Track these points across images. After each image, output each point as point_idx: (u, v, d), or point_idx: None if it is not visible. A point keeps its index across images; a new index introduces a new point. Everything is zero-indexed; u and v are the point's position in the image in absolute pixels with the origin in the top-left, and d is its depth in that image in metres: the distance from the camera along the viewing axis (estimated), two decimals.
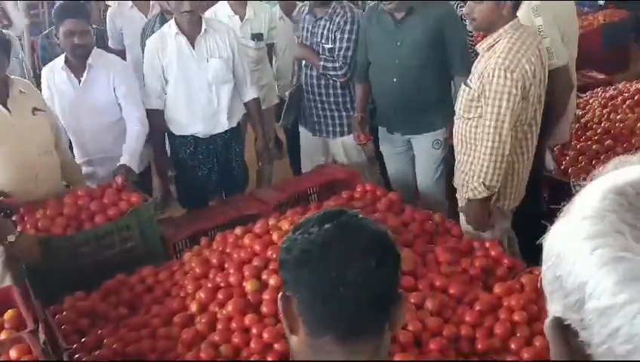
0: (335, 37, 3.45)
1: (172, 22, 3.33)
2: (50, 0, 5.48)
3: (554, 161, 3.23)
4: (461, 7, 3.33)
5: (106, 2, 4.76)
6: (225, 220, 2.96)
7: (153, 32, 3.82)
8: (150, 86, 3.39)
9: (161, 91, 3.39)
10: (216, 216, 3.07)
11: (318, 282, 1.02)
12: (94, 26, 4.27)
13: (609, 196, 0.57)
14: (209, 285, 2.35)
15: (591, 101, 3.92)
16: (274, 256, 2.36)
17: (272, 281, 2.25)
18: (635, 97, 3.79)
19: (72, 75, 3.19)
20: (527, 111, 2.57)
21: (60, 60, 3.21)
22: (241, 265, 2.35)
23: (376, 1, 3.37)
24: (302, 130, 3.83)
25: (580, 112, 3.81)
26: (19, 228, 2.63)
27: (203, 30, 3.29)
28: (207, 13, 3.93)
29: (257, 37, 4.01)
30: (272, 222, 2.61)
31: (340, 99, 3.61)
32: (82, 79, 3.19)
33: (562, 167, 3.26)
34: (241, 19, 3.94)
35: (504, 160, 2.55)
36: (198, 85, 3.35)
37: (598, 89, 4.15)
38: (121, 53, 4.16)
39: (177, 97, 3.38)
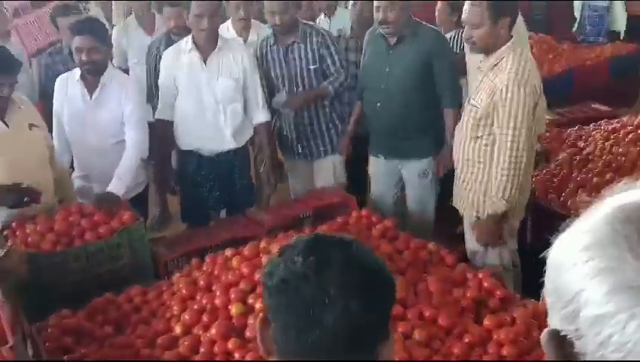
0: (321, 55, 3.48)
1: (189, 37, 3.34)
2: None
3: None
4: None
5: (113, 21, 4.81)
6: (218, 241, 2.93)
7: (159, 52, 3.85)
8: (163, 96, 3.43)
9: (173, 103, 3.41)
10: (209, 236, 3.05)
11: (294, 316, 0.95)
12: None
13: (609, 211, 0.60)
14: (195, 307, 2.32)
15: (593, 133, 3.88)
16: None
17: (258, 305, 2.22)
18: (639, 131, 3.75)
19: (85, 90, 3.20)
20: (535, 125, 2.62)
21: (76, 72, 3.23)
22: (228, 288, 2.32)
23: (374, 26, 3.44)
24: (285, 157, 3.80)
25: (582, 144, 3.78)
26: (9, 243, 2.62)
27: (217, 48, 3.32)
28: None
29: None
30: (262, 245, 2.58)
31: (329, 117, 3.62)
32: (94, 96, 3.20)
33: (562, 199, 3.22)
34: (245, 41, 3.95)
35: (521, 173, 2.58)
36: (206, 102, 3.36)
37: (602, 121, 4.11)
38: (125, 72, 4.18)
39: (185, 111, 3.39)
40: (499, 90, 2.54)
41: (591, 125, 4.09)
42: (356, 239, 1.04)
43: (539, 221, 3.16)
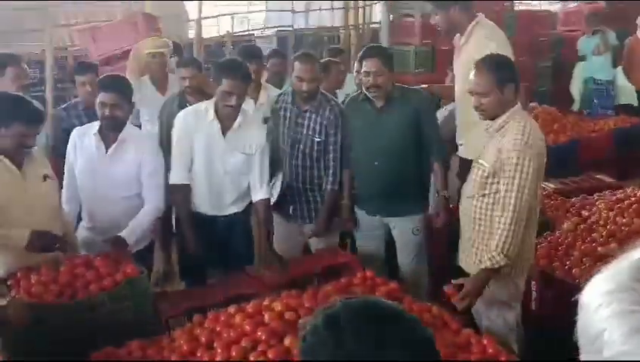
0: (327, 133, 3.54)
1: (210, 105, 3.32)
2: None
3: None
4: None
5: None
6: (221, 298, 2.92)
7: (172, 110, 3.95)
8: (179, 159, 3.38)
9: (190, 166, 3.39)
10: (213, 293, 3.03)
11: None
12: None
13: (631, 261, 0.67)
14: None
15: (597, 203, 3.91)
16: (263, 337, 2.31)
17: None
18: None
19: (102, 143, 3.28)
20: (537, 185, 2.73)
21: (94, 126, 3.32)
22: (230, 345, 2.30)
23: (358, 92, 3.68)
24: (275, 216, 3.74)
25: (586, 213, 3.79)
26: (12, 293, 2.63)
27: (237, 124, 3.31)
28: None
29: (266, 120, 3.99)
30: (265, 302, 2.57)
31: (322, 182, 3.65)
32: (110, 150, 3.27)
33: (566, 267, 3.21)
34: (255, 102, 4.04)
35: (521, 229, 2.66)
36: (215, 170, 3.39)
37: (606, 192, 4.14)
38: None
39: (195, 176, 3.41)
40: (506, 150, 2.66)
41: (595, 195, 4.12)
42: (403, 309, 1.01)
43: (543, 289, 3.15)
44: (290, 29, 8.43)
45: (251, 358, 2.24)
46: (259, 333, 2.32)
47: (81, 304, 2.65)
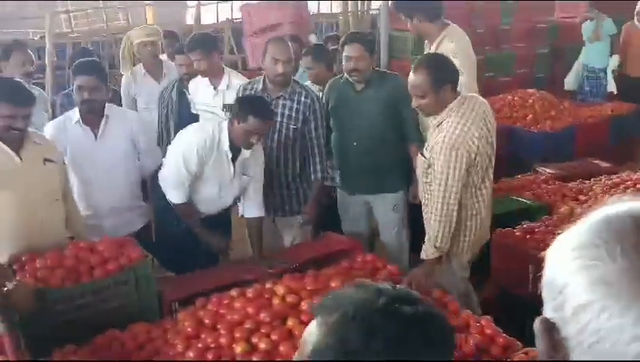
0: (305, 118, 3.51)
1: (226, 136, 3.21)
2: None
3: None
4: None
5: (120, 70, 4.97)
6: (224, 283, 2.95)
7: (171, 97, 3.96)
8: (183, 183, 3.26)
9: (188, 186, 3.29)
10: (215, 278, 3.07)
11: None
12: (113, 86, 4.48)
13: (596, 219, 0.71)
14: (199, 345, 2.33)
15: (594, 187, 3.95)
16: (267, 319, 2.35)
17: (262, 345, 2.24)
18: (637, 185, 3.82)
19: (88, 129, 3.30)
20: (476, 177, 2.88)
21: (73, 115, 3.32)
22: (233, 327, 2.34)
23: (339, 75, 3.80)
24: None
25: (583, 198, 3.84)
26: (17, 277, 2.66)
27: (249, 153, 3.26)
28: (191, 85, 3.99)
29: (228, 108, 3.75)
30: (268, 286, 2.61)
31: (299, 172, 3.64)
32: (99, 133, 3.30)
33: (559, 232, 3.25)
34: (215, 88, 3.92)
35: (452, 226, 2.85)
36: (220, 190, 3.35)
37: (602, 176, 4.19)
38: None
39: (200, 189, 3.35)
40: (435, 151, 2.81)
41: (591, 180, 4.17)
42: (432, 308, 0.98)
43: (539, 271, 3.19)
44: None
45: (254, 340, 2.28)
46: (262, 315, 2.36)
47: (86, 288, 2.69)
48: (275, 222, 3.74)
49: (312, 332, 0.94)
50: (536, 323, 0.72)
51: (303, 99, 3.51)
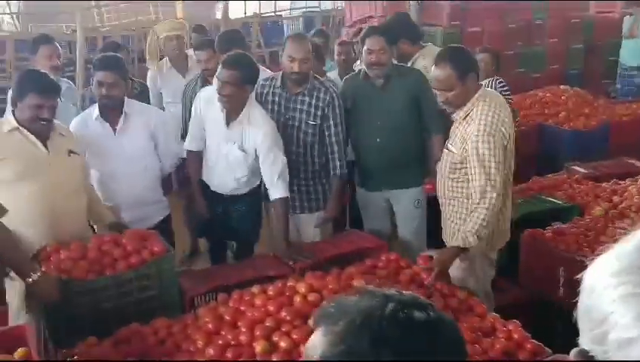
0: (324, 114, 3.47)
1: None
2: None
3: None
4: None
5: (146, 65, 4.99)
6: (245, 278, 2.93)
7: (195, 92, 3.97)
8: (194, 130, 3.51)
9: (201, 136, 3.48)
10: (237, 273, 3.05)
11: None
12: (137, 79, 4.50)
13: (635, 241, 0.65)
14: (220, 342, 2.31)
15: (629, 188, 3.82)
16: (287, 317, 2.32)
17: (282, 343, 2.20)
18: None
19: (107, 125, 3.32)
20: (507, 166, 2.84)
21: (93, 111, 3.35)
22: (253, 325, 2.32)
23: (356, 71, 3.81)
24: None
25: (618, 199, 3.72)
26: (42, 268, 2.68)
27: (245, 120, 3.30)
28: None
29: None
30: (290, 283, 2.58)
31: (319, 169, 3.61)
32: (118, 128, 3.32)
33: (596, 253, 3.15)
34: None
35: (494, 214, 2.78)
36: (220, 156, 3.42)
37: (638, 177, 4.05)
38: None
39: (205, 151, 3.51)
40: (470, 140, 2.76)
41: (627, 180, 4.03)
42: (443, 315, 0.93)
43: (572, 275, 3.09)
44: (318, 10, 8.37)
45: (275, 338, 2.25)
46: (283, 314, 2.33)
47: (109, 281, 2.69)
48: (295, 219, 3.70)
49: (315, 345, 0.88)
50: (573, 354, 0.66)
51: (322, 95, 3.48)
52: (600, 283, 0.64)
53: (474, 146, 2.75)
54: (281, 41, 4.06)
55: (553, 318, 2.93)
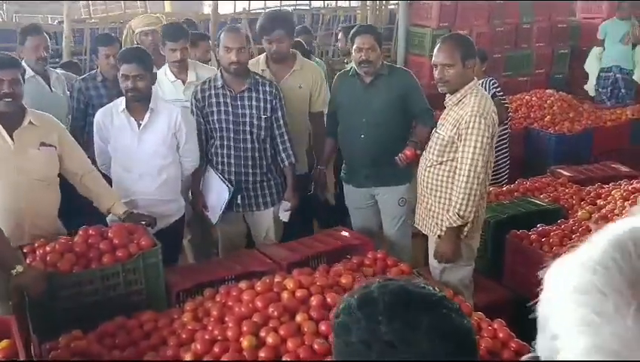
0: (273, 107, 3.50)
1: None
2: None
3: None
4: None
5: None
6: (232, 274, 2.93)
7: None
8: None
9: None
10: (223, 268, 3.05)
11: None
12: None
13: (608, 249, 0.59)
14: (206, 337, 2.30)
15: (613, 192, 3.87)
16: (275, 313, 2.32)
17: (269, 339, 2.20)
18: None
19: (132, 119, 3.28)
20: (490, 154, 2.96)
21: (120, 104, 3.30)
22: (240, 320, 2.31)
23: (346, 68, 3.89)
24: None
25: (602, 202, 3.76)
26: (27, 261, 2.65)
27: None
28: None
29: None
30: (277, 279, 2.58)
31: (271, 163, 3.64)
32: (142, 123, 3.28)
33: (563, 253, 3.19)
34: (184, 83, 3.88)
35: (477, 193, 2.90)
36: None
37: (622, 181, 4.10)
38: None
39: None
40: (464, 120, 2.89)
41: (610, 184, 4.08)
42: (444, 296, 0.97)
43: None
44: (307, 7, 8.36)
45: (262, 334, 2.25)
46: (270, 309, 2.32)
47: (95, 274, 2.68)
48: (250, 217, 3.70)
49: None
50: (525, 360, 0.66)
51: (267, 88, 3.51)
52: (559, 298, 0.60)
53: (463, 127, 2.88)
54: None
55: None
